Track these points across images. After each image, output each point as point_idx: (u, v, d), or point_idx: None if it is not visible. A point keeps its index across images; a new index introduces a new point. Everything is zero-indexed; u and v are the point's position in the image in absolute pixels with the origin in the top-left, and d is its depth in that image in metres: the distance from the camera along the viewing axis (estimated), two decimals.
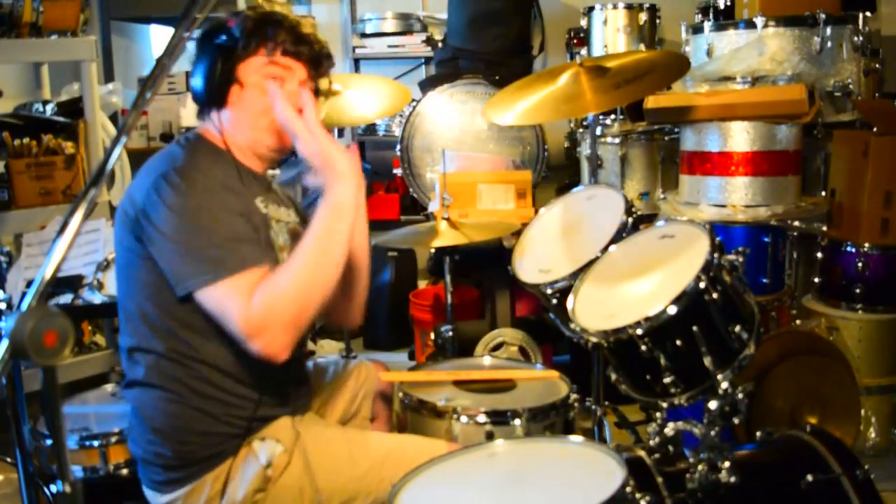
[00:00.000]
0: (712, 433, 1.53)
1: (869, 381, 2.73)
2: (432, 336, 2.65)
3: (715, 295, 1.59)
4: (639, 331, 1.58)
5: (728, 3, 3.26)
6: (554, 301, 1.95)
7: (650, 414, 2.59)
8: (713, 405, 1.53)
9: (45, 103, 3.32)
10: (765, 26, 2.86)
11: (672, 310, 1.56)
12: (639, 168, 3.32)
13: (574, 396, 1.89)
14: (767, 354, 2.27)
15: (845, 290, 2.81)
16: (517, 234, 2.29)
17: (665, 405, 1.66)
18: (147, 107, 1.57)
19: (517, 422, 1.78)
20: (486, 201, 3.16)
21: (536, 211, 2.27)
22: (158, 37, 4.42)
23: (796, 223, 2.85)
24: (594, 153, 2.85)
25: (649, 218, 2.98)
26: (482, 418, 1.78)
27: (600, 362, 2.34)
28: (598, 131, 3.30)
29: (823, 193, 3.00)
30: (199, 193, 1.58)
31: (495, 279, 3.08)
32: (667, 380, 1.62)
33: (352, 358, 3.73)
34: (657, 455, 1.61)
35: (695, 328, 1.58)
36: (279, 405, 1.73)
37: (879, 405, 2.76)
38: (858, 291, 2.78)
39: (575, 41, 3.89)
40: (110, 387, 2.35)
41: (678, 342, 1.60)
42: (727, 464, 1.51)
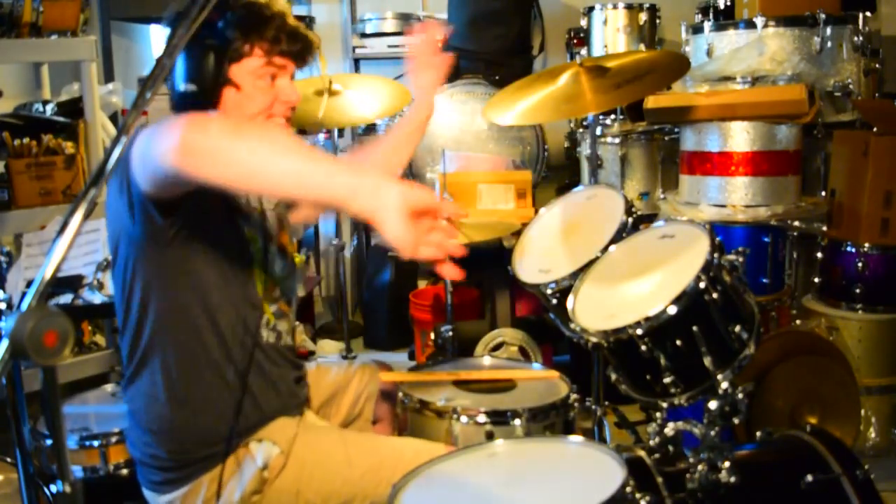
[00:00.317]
0: (712, 433, 1.53)
1: (869, 381, 2.74)
2: (432, 336, 2.65)
3: (715, 295, 1.59)
4: (639, 331, 1.58)
5: (728, 3, 3.26)
6: (554, 301, 1.94)
7: (650, 414, 2.59)
8: (713, 405, 1.53)
9: (45, 103, 3.32)
10: (765, 26, 2.86)
11: (672, 310, 1.56)
12: (639, 168, 3.32)
13: (574, 396, 1.89)
14: (767, 354, 2.27)
15: (845, 290, 2.81)
16: (517, 234, 2.29)
17: (665, 405, 1.66)
18: (147, 107, 1.54)
19: (517, 422, 1.77)
20: (486, 201, 3.16)
21: (536, 211, 2.27)
22: (158, 37, 4.42)
23: (796, 223, 2.85)
24: (594, 153, 2.85)
25: (649, 218, 2.98)
26: (482, 418, 1.78)
27: (600, 362, 2.34)
28: (598, 131, 3.30)
29: (823, 193, 3.00)
30: None
31: (495, 279, 3.08)
32: (667, 380, 1.62)
33: (352, 358, 3.74)
34: (657, 455, 1.61)
35: (695, 328, 1.58)
36: (276, 407, 1.73)
37: (879, 405, 2.76)
38: (858, 291, 2.78)
39: (575, 41, 3.89)
40: (110, 387, 2.35)
41: (678, 342, 1.60)
42: (727, 464, 1.51)
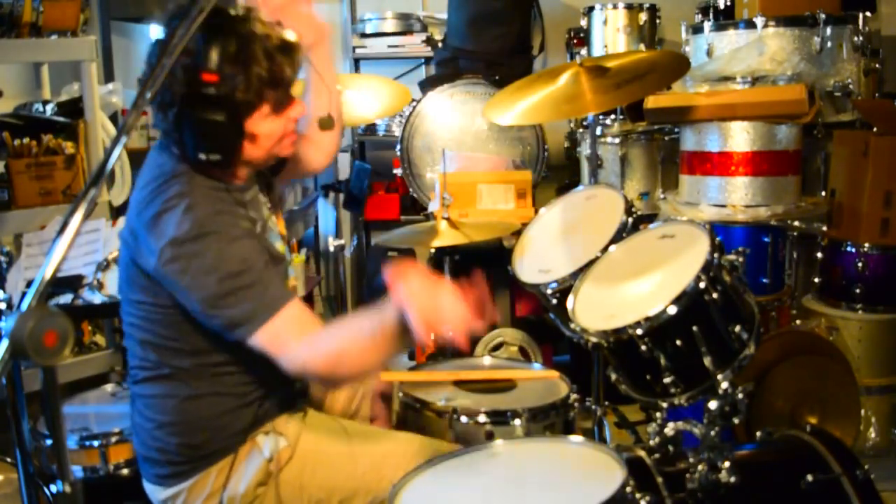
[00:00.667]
0: (712, 433, 1.53)
1: (869, 381, 2.74)
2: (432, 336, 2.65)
3: (715, 295, 1.59)
4: (639, 331, 1.58)
5: (728, 3, 3.26)
6: (554, 301, 1.95)
7: (650, 414, 2.60)
8: (713, 405, 1.54)
9: (45, 103, 3.32)
10: (765, 26, 2.86)
11: (672, 310, 1.56)
12: (639, 168, 3.32)
13: (574, 396, 1.89)
14: (767, 354, 2.27)
15: (845, 290, 2.81)
16: (517, 234, 2.29)
17: (665, 405, 1.66)
18: (147, 107, 1.54)
19: (517, 422, 1.78)
20: (486, 201, 3.16)
21: (536, 211, 2.27)
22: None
23: (796, 223, 2.85)
24: (594, 153, 2.85)
25: (649, 218, 2.98)
26: (482, 418, 1.78)
27: (600, 362, 2.34)
28: (598, 131, 3.29)
29: (823, 193, 3.00)
30: (212, 238, 1.52)
31: (495, 279, 3.08)
32: (667, 380, 1.62)
33: None
34: (657, 455, 1.62)
35: (695, 328, 1.58)
36: (285, 401, 1.74)
37: (879, 405, 2.76)
38: (858, 291, 2.78)
39: (575, 41, 3.88)
40: (110, 387, 2.35)
41: (678, 342, 1.60)
42: (727, 464, 1.51)
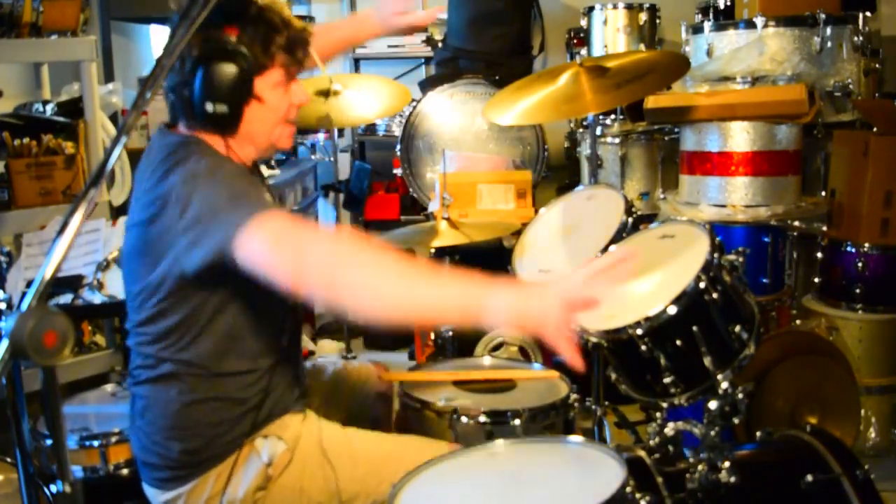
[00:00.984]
0: (712, 433, 1.53)
1: (869, 381, 2.74)
2: (432, 336, 2.65)
3: (715, 295, 1.59)
4: (639, 331, 1.58)
5: (728, 3, 3.26)
6: None
7: (650, 414, 2.59)
8: (713, 405, 1.53)
9: (45, 103, 3.31)
10: (765, 26, 2.86)
11: (672, 310, 1.56)
12: (639, 168, 3.32)
13: (574, 396, 1.89)
14: (767, 354, 2.27)
15: (845, 290, 2.81)
16: (517, 234, 2.29)
17: (665, 405, 1.66)
18: (147, 107, 1.55)
19: (517, 422, 1.77)
20: (486, 201, 3.16)
21: (536, 211, 2.28)
22: (158, 37, 4.42)
23: (796, 223, 2.85)
24: (594, 153, 2.85)
25: (649, 218, 2.98)
26: (482, 418, 1.78)
27: (600, 362, 2.34)
28: (598, 131, 3.30)
29: (823, 193, 3.00)
30: (220, 182, 1.54)
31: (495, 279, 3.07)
32: (667, 380, 1.62)
33: (351, 358, 3.74)
34: (657, 455, 1.61)
35: (695, 328, 1.58)
36: (284, 404, 1.73)
37: (879, 405, 2.76)
38: (858, 291, 2.78)
39: (575, 41, 3.89)
40: (110, 387, 2.35)
41: (678, 342, 1.60)
42: (727, 464, 1.51)
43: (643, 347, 1.60)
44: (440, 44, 4.03)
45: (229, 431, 1.65)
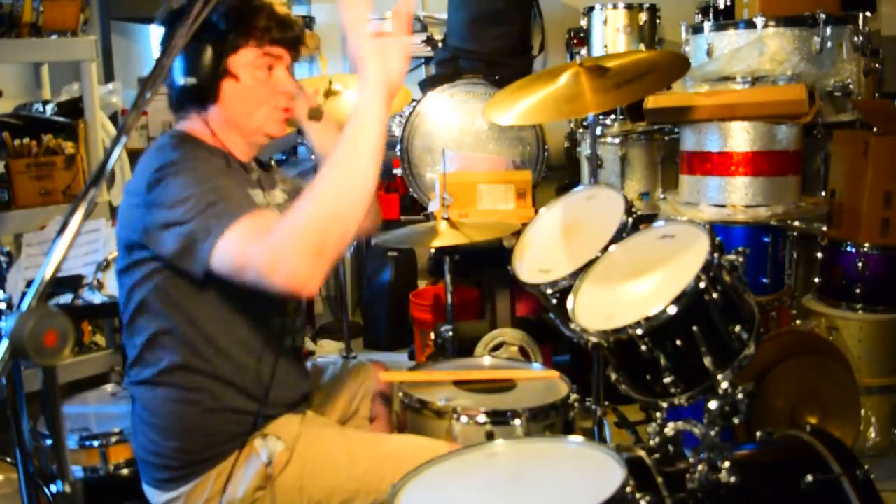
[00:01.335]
0: (712, 433, 1.53)
1: (869, 381, 2.74)
2: (432, 336, 2.65)
3: (715, 295, 1.59)
4: (639, 331, 1.58)
5: (728, 3, 3.26)
6: (554, 301, 1.94)
7: (650, 414, 2.59)
8: (713, 405, 1.53)
9: (45, 103, 3.32)
10: (765, 26, 2.86)
11: (672, 310, 1.56)
12: (639, 168, 3.32)
13: (574, 396, 1.89)
14: (767, 354, 2.27)
15: (845, 290, 2.81)
16: (517, 234, 2.29)
17: (665, 405, 1.66)
18: (147, 107, 1.55)
19: (517, 422, 1.77)
20: (486, 201, 3.16)
21: (536, 211, 2.27)
22: (158, 37, 4.42)
23: (796, 223, 2.85)
24: (594, 153, 2.85)
25: (649, 218, 2.98)
26: (482, 418, 1.78)
27: (600, 362, 2.34)
28: (598, 131, 3.30)
29: (823, 193, 3.00)
30: (199, 174, 1.56)
31: (495, 279, 3.08)
32: (667, 380, 1.62)
33: (352, 358, 3.74)
34: (657, 455, 1.61)
35: (695, 328, 1.58)
36: (283, 404, 1.74)
37: (879, 405, 2.76)
38: (858, 291, 2.78)
39: (575, 41, 3.89)
40: (110, 387, 2.35)
41: (678, 342, 1.60)
42: (727, 464, 1.51)
43: (643, 347, 1.60)
44: (440, 44, 4.03)
45: (227, 432, 1.65)
